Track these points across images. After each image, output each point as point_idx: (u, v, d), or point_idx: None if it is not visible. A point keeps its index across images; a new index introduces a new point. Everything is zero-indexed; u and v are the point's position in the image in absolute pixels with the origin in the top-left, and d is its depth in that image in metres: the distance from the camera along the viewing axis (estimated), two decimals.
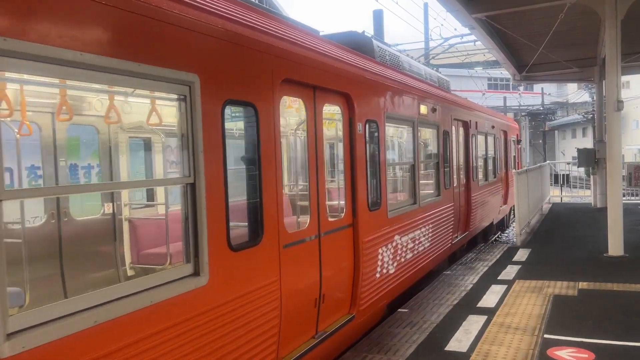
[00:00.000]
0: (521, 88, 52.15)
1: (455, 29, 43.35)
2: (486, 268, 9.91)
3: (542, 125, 59.84)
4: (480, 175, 13.66)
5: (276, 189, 4.60)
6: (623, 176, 16.51)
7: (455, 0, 11.22)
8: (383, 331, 6.58)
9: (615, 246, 10.29)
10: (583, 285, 8.29)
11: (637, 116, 55.06)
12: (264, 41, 4.50)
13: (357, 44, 7.51)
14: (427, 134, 9.90)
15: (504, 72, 37.84)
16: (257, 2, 5.84)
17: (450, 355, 5.72)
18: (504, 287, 8.37)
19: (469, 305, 7.53)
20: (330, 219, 5.76)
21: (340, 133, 6.20)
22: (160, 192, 6.82)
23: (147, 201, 7.00)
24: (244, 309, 4.10)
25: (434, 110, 9.42)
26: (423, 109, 8.83)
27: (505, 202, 17.09)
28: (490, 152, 14.99)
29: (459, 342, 6.06)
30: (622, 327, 6.33)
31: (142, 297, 3.20)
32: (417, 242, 8.29)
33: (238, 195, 6.42)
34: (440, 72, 12.55)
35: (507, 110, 52.65)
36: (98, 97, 5.37)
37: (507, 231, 17.63)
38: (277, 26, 4.96)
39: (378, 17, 20.73)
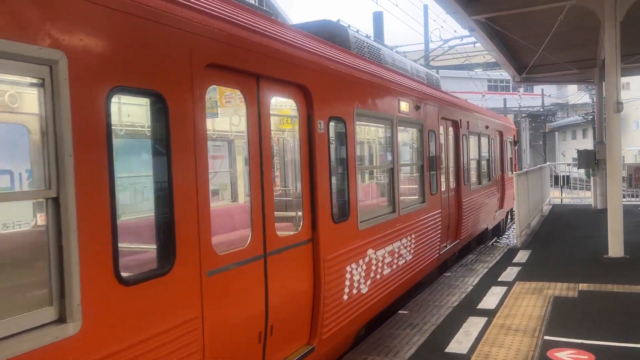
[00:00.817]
0: (521, 89, 52.17)
1: (455, 31, 43.24)
2: (486, 270, 9.90)
3: (542, 127, 59.89)
4: (473, 179, 12.79)
5: (197, 201, 3.68)
6: (623, 177, 16.52)
7: (455, 2, 11.23)
8: (383, 333, 6.58)
9: (616, 247, 10.28)
10: (583, 286, 8.29)
11: (638, 117, 55.06)
12: (173, 13, 3.53)
13: (331, 34, 6.84)
14: (410, 134, 9.05)
15: (504, 74, 37.86)
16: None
17: (451, 357, 5.71)
18: (504, 288, 8.37)
19: (469, 306, 7.52)
20: (280, 235, 4.77)
21: (297, 131, 5.29)
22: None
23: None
24: None
25: (417, 107, 8.49)
26: (404, 106, 7.92)
27: (501, 207, 16.29)
28: (484, 154, 14.19)
29: (459, 343, 6.06)
30: (623, 328, 6.33)
31: None
32: (396, 255, 7.38)
33: (138, 211, 5.10)
34: (438, 72, 12.49)
35: (507, 111, 52.69)
36: None
37: (503, 236, 17.26)
38: None
39: (378, 19, 20.78)
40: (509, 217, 19.06)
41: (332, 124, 5.74)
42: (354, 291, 6.03)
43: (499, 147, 16.26)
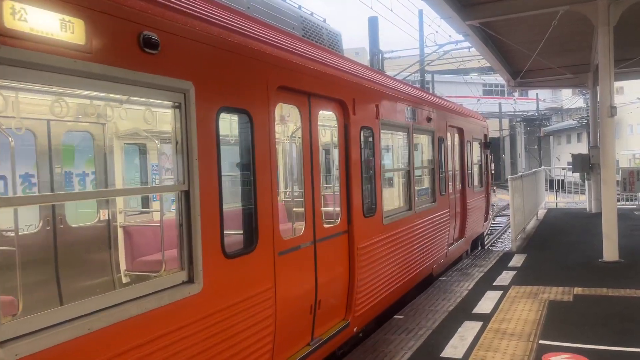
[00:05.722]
0: (516, 94, 52.44)
1: (450, 36, 43.53)
2: (482, 274, 9.91)
3: (537, 131, 60.17)
4: (394, 203, 8.20)
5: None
6: (618, 181, 16.58)
7: (449, 8, 11.27)
8: (378, 338, 6.56)
9: (611, 252, 10.31)
10: (578, 290, 8.30)
11: (632, 121, 55.37)
12: None
13: None
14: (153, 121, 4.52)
15: (499, 78, 38.07)
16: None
17: None
18: (500, 292, 8.37)
19: (464, 311, 7.52)
20: None
21: None
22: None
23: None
24: None
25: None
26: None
27: (461, 235, 11.61)
28: (424, 161, 9.74)
29: (454, 348, 6.05)
30: (618, 332, 6.34)
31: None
32: None
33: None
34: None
35: (502, 115, 52.93)
36: None
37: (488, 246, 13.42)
38: None
39: (373, 24, 20.80)
40: (481, 243, 14.84)
41: None
42: None
43: (457, 151, 11.66)
